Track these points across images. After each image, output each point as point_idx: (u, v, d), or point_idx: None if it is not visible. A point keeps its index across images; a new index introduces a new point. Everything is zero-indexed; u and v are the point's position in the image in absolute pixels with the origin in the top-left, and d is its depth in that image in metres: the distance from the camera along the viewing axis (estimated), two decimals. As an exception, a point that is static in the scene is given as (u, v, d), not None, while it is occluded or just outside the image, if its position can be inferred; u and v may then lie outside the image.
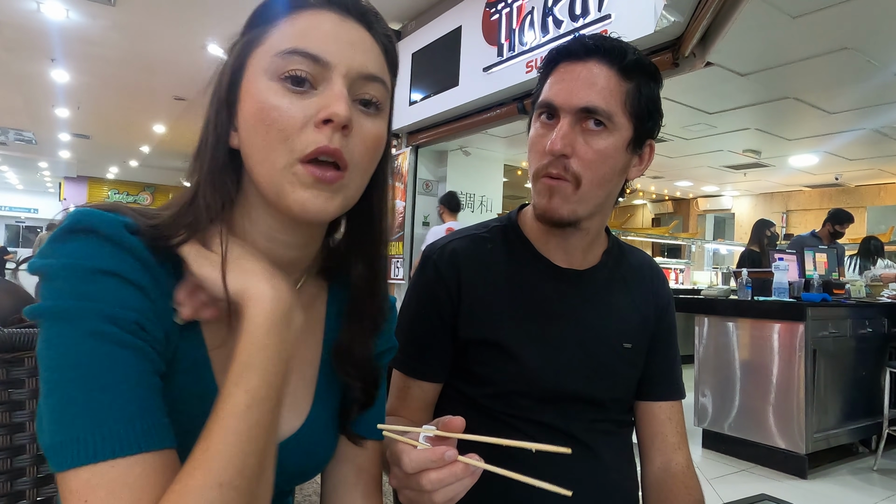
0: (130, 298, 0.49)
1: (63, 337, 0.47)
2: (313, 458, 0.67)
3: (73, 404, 0.45)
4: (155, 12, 5.89)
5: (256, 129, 0.55)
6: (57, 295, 0.48)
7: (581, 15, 3.96)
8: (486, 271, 0.92)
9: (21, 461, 0.73)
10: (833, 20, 3.47)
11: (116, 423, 0.45)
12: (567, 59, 0.85)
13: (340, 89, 0.54)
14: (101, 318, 0.47)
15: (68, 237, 0.50)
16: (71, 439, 0.44)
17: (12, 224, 25.06)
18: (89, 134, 12.00)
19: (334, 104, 0.53)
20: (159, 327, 0.52)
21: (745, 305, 3.64)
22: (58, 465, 0.45)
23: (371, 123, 0.58)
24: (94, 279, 0.48)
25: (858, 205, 9.36)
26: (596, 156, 0.83)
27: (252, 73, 0.56)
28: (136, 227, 0.52)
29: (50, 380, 0.46)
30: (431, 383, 0.93)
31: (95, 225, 0.50)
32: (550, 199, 0.84)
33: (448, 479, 0.55)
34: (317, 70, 0.54)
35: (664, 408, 0.98)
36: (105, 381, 0.46)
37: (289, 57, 0.54)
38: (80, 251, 0.49)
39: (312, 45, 0.54)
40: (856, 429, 3.61)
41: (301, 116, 0.54)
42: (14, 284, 0.94)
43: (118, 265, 0.50)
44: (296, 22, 0.56)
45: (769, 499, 0.87)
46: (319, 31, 0.56)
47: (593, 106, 0.81)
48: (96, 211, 0.51)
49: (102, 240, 0.50)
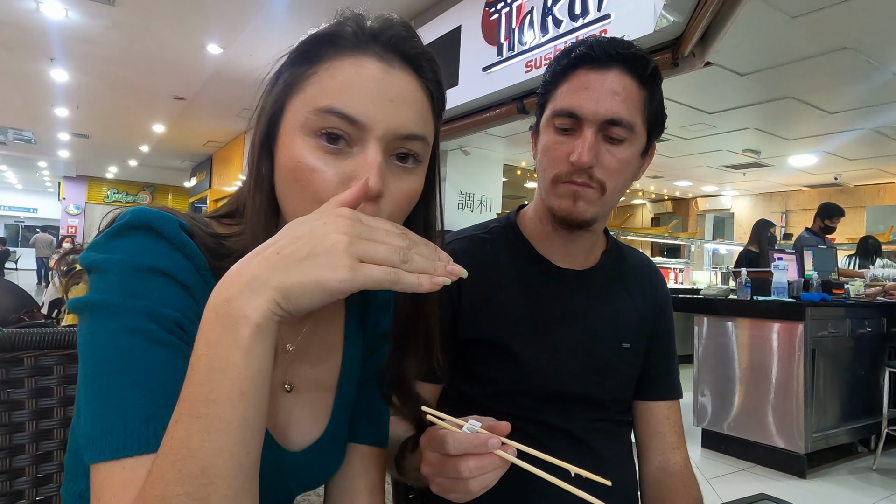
0: (174, 297, 0.51)
1: (106, 332, 0.48)
2: (327, 467, 0.68)
3: (106, 398, 0.46)
4: (154, 12, 5.89)
5: (291, 185, 0.55)
6: (106, 289, 0.49)
7: (580, 15, 3.96)
8: (486, 272, 0.92)
9: (20, 461, 0.73)
10: (832, 20, 3.47)
11: (139, 420, 0.46)
12: (587, 66, 0.84)
13: (375, 156, 0.53)
14: (144, 316, 0.48)
15: (125, 233, 0.51)
16: (102, 433, 0.45)
17: (11, 223, 25.06)
18: (88, 133, 12.00)
19: (365, 174, 0.52)
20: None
21: (745, 305, 3.65)
22: (89, 457, 0.45)
23: (406, 180, 0.56)
24: (144, 276, 0.49)
25: (857, 205, 9.36)
26: (619, 165, 0.84)
27: (290, 123, 0.55)
28: (189, 229, 0.54)
29: (88, 372, 0.47)
30: (432, 384, 0.93)
31: (153, 222, 0.51)
32: (575, 203, 0.85)
33: (487, 468, 0.56)
34: (353, 130, 0.53)
35: (662, 407, 0.98)
36: (135, 377, 0.47)
37: (325, 116, 0.53)
38: (134, 247, 0.50)
39: (350, 104, 0.53)
40: (855, 428, 3.61)
41: (335, 180, 0.53)
42: (14, 284, 0.94)
43: (169, 264, 0.51)
44: (336, 72, 0.54)
45: (768, 498, 0.88)
46: (358, 87, 0.53)
47: (619, 117, 0.82)
48: (153, 209, 0.53)
49: (157, 237, 0.51)
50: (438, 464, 0.58)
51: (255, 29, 6.11)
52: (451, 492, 0.58)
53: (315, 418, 0.65)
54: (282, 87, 0.57)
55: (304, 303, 0.44)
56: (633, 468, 0.97)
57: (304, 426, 0.64)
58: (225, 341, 0.43)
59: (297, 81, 0.56)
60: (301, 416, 0.64)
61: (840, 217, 5.02)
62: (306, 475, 0.65)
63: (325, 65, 0.55)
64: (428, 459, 0.60)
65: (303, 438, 0.64)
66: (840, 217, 5.02)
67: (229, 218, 0.62)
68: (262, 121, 0.58)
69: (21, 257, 21.80)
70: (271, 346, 0.45)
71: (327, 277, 0.42)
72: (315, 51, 0.56)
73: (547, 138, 0.87)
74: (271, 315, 0.43)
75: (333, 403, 0.67)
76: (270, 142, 0.58)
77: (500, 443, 0.55)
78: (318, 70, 0.55)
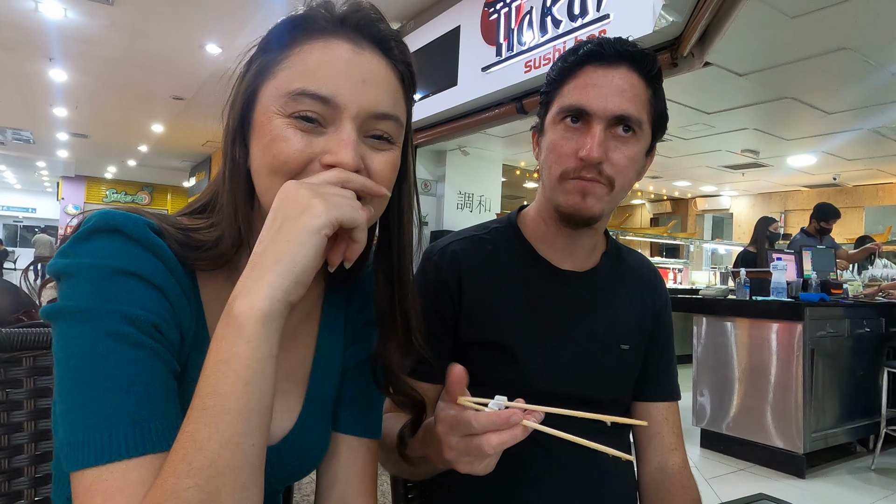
0: (149, 300, 0.50)
1: (81, 337, 0.47)
2: (306, 458, 0.67)
3: (88, 404, 0.45)
4: (153, 12, 5.88)
5: (263, 160, 0.55)
6: (77, 294, 0.48)
7: (580, 15, 3.96)
8: (486, 272, 0.92)
9: (19, 461, 0.73)
10: (831, 20, 3.48)
11: (125, 424, 0.45)
12: (595, 63, 0.84)
13: (349, 134, 0.54)
14: (120, 319, 0.47)
15: (93, 237, 0.50)
16: (84, 439, 0.45)
17: (10, 223, 25.03)
18: (87, 133, 11.99)
19: (341, 151, 0.53)
20: (175, 329, 0.52)
21: (744, 305, 3.65)
22: (70, 465, 0.45)
23: (382, 157, 0.57)
24: (116, 279, 0.49)
25: (856, 205, 9.37)
26: (627, 161, 0.84)
27: (263, 106, 0.56)
28: (158, 229, 0.53)
29: (66, 379, 0.47)
30: (433, 385, 0.93)
31: (120, 224, 0.50)
32: (584, 199, 0.85)
33: (509, 442, 0.58)
34: (326, 110, 0.54)
35: (660, 408, 0.98)
36: (118, 382, 0.46)
37: (298, 98, 0.53)
38: (103, 250, 0.49)
39: (322, 85, 0.54)
40: (854, 428, 3.62)
41: (307, 152, 0.54)
42: (13, 285, 0.94)
43: (140, 265, 0.50)
44: (307, 56, 0.55)
45: (767, 498, 0.88)
46: (330, 68, 0.54)
47: (628, 114, 0.82)
48: (120, 211, 0.52)
49: (126, 239, 0.50)
50: (462, 447, 0.60)
51: (254, 29, 6.10)
52: (478, 466, 0.61)
53: (286, 410, 0.65)
54: (254, 73, 0.57)
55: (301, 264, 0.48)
56: (632, 469, 0.97)
57: (276, 418, 0.64)
58: (229, 334, 0.45)
59: (269, 67, 0.56)
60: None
61: (836, 219, 5.00)
62: (283, 469, 0.64)
63: (297, 49, 0.55)
64: (450, 444, 0.62)
65: (275, 430, 0.63)
66: (836, 219, 5.00)
67: (200, 213, 0.61)
68: (236, 109, 0.58)
69: (20, 258, 21.77)
70: (275, 336, 0.47)
71: (310, 222, 0.48)
72: (286, 37, 0.56)
73: (553, 135, 0.87)
74: (273, 301, 0.46)
75: (305, 395, 0.67)
76: (245, 129, 0.58)
77: (522, 416, 0.58)
78: (290, 55, 0.55)
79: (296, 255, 0.48)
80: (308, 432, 0.66)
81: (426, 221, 6.91)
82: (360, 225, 0.51)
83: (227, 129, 0.59)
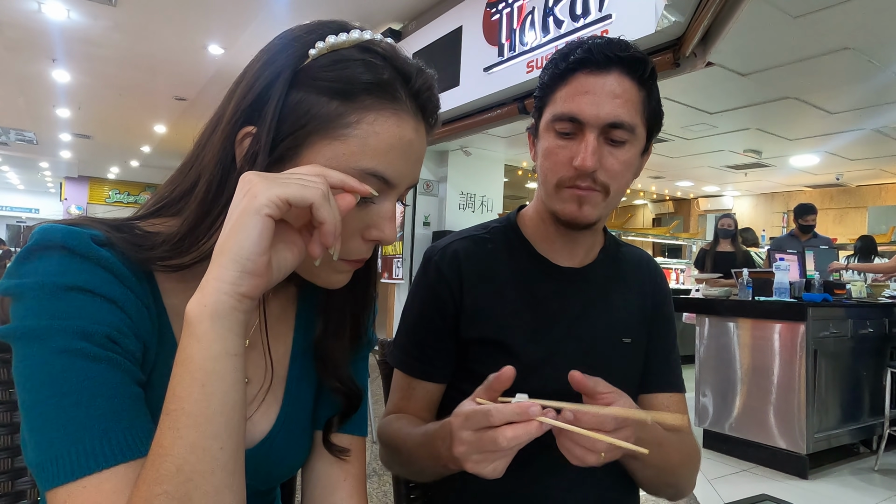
0: (101, 312, 0.49)
1: (35, 357, 0.46)
2: (287, 460, 0.67)
3: (50, 423, 0.45)
4: (156, 12, 5.89)
5: None
6: (26, 315, 0.47)
7: (582, 15, 3.96)
8: (487, 271, 0.93)
9: (21, 461, 0.73)
10: (834, 20, 3.47)
11: (92, 438, 0.45)
12: (586, 69, 0.83)
13: (392, 208, 0.58)
14: (72, 335, 0.47)
15: (36, 255, 0.49)
16: (50, 458, 0.44)
17: (13, 224, 25.10)
18: (90, 134, 12.01)
19: (386, 227, 0.58)
20: (134, 338, 0.51)
21: (746, 306, 3.64)
22: (43, 485, 0.44)
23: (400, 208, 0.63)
24: (64, 296, 0.48)
25: (859, 205, 9.35)
26: (622, 167, 0.84)
27: (316, 158, 0.54)
28: (104, 240, 0.51)
29: (27, 400, 0.46)
30: (435, 384, 0.93)
31: (62, 240, 0.49)
32: (581, 208, 0.85)
33: (523, 437, 0.57)
34: (382, 188, 0.57)
35: (662, 399, 0.97)
36: (79, 398, 0.45)
37: (367, 177, 0.55)
38: (47, 268, 0.48)
39: (390, 169, 0.56)
40: (857, 429, 3.61)
41: (355, 226, 0.57)
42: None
43: (88, 280, 0.49)
44: (381, 128, 0.55)
45: (770, 499, 0.88)
46: (400, 152, 0.56)
47: (620, 120, 0.82)
48: (61, 226, 0.50)
49: (70, 255, 0.49)
50: (475, 441, 0.60)
51: (257, 29, 6.11)
52: (486, 466, 0.61)
53: (264, 412, 0.65)
54: (306, 109, 0.54)
55: (246, 250, 0.45)
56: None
57: (254, 419, 0.63)
58: (184, 337, 0.45)
59: (332, 119, 0.54)
60: (250, 409, 0.64)
61: (813, 214, 4.98)
62: (263, 471, 0.64)
63: (371, 116, 0.55)
64: (462, 439, 0.62)
65: (253, 433, 0.63)
66: (813, 214, 4.98)
67: (155, 216, 0.59)
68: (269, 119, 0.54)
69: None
70: (229, 333, 0.46)
71: (249, 204, 0.46)
72: (356, 93, 0.54)
73: (547, 143, 0.87)
74: (219, 294, 0.45)
75: (283, 395, 0.66)
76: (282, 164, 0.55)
77: (540, 409, 0.58)
78: (362, 121, 0.54)
79: (238, 241, 0.45)
80: (288, 433, 0.66)
81: (428, 222, 6.91)
82: (317, 202, 0.47)
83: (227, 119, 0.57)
